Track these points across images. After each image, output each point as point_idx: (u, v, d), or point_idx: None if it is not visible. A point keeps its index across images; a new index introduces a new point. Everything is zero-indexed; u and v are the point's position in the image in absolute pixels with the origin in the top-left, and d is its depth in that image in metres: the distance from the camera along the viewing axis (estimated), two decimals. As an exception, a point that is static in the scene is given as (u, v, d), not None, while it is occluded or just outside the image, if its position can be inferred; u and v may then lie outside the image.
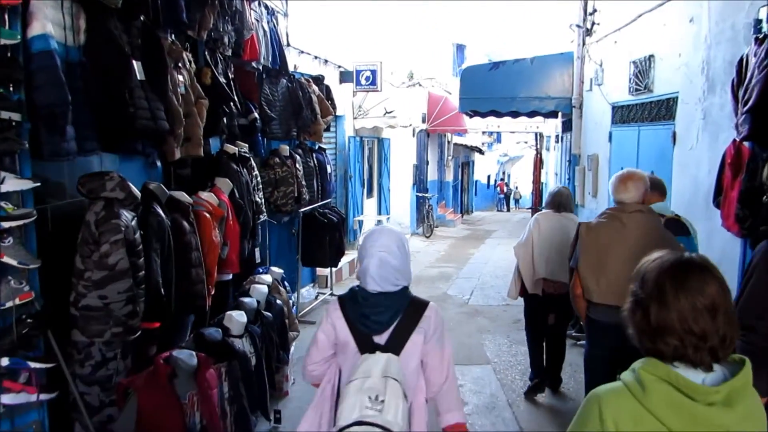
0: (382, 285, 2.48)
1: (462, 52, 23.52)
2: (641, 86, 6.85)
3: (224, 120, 5.31)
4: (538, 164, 17.64)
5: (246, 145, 5.81)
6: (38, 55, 2.82)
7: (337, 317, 2.55)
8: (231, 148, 5.42)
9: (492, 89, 10.28)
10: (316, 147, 8.42)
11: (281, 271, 5.83)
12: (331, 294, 9.01)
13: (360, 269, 2.56)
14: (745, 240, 4.26)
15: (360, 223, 12.33)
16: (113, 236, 3.04)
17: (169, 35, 4.41)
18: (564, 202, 5.54)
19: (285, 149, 7.15)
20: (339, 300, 2.61)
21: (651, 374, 1.49)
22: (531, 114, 10.97)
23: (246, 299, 4.65)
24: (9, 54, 2.68)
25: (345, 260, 9.86)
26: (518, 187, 37.48)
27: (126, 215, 3.18)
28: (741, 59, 4.10)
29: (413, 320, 2.51)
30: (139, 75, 3.53)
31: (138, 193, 3.39)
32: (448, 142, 21.83)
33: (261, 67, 6.59)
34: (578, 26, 9.35)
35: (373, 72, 11.13)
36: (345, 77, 11.05)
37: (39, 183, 2.78)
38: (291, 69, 7.58)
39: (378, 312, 2.49)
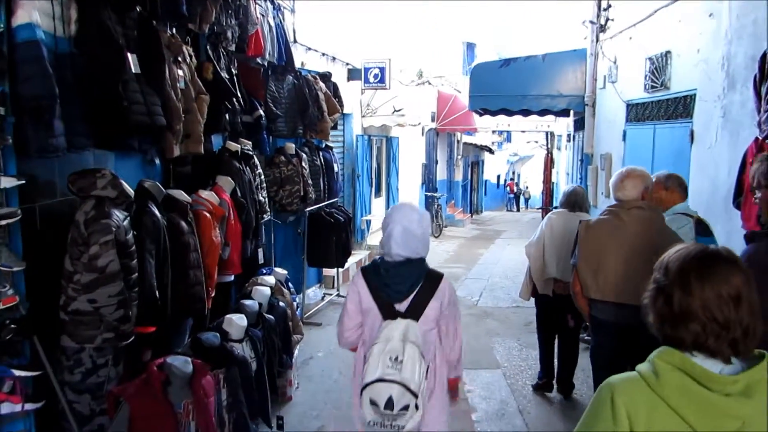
0: (405, 250, 2.79)
1: (472, 51, 23.35)
2: (657, 83, 6.66)
3: (226, 116, 5.16)
4: (549, 164, 17.42)
5: (249, 142, 5.66)
6: (23, 45, 2.68)
7: (362, 286, 2.87)
8: (233, 146, 5.27)
9: (503, 87, 10.07)
10: (323, 145, 8.28)
11: (285, 272, 5.68)
12: (338, 295, 8.84)
13: (384, 236, 2.87)
14: (768, 242, 4.07)
15: (368, 223, 12.16)
16: (103, 237, 2.88)
17: (169, 28, 4.26)
18: (579, 202, 5.42)
19: (291, 147, 7.02)
20: (362, 271, 2.91)
21: (666, 362, 1.48)
22: (542, 112, 10.73)
23: (247, 302, 4.49)
24: (-8, 44, 2.55)
25: (352, 260, 9.70)
26: (528, 187, 37.28)
27: (118, 215, 3.03)
28: (764, 55, 3.95)
29: (430, 290, 2.82)
30: (134, 68, 3.38)
31: (131, 192, 3.23)
32: (458, 141, 21.64)
33: (266, 64, 6.45)
34: (592, 22, 9.15)
35: (382, 69, 10.96)
36: (353, 75, 10.88)
37: (24, 180, 2.63)
38: (298, 66, 7.43)
39: (398, 282, 2.80)
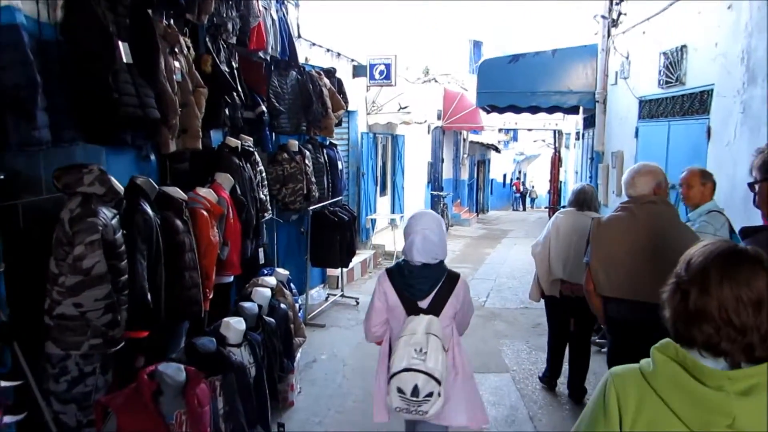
0: (425, 257, 3.09)
1: (479, 49, 23.18)
2: (672, 79, 6.46)
3: (226, 111, 4.97)
4: (557, 162, 17.20)
5: (250, 138, 5.48)
6: (1, 30, 2.48)
7: (388, 286, 3.16)
8: (233, 141, 5.08)
9: (511, 83, 9.87)
10: (327, 142, 8.09)
11: (287, 273, 5.49)
12: (342, 295, 8.65)
13: (406, 244, 3.16)
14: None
15: (373, 222, 11.98)
16: (89, 236, 2.69)
17: (165, 17, 4.07)
18: (587, 201, 5.26)
19: (294, 144, 6.85)
20: (387, 272, 3.20)
21: (662, 353, 1.45)
22: (551, 109, 10.53)
23: (246, 304, 4.30)
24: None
25: (356, 260, 9.51)
26: (534, 186, 37.10)
27: (105, 213, 2.84)
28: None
29: (449, 289, 3.13)
30: (126, 58, 3.18)
31: (120, 188, 3.03)
32: (464, 140, 21.50)
33: (269, 58, 6.27)
34: (603, 17, 8.95)
35: (388, 66, 10.79)
36: (358, 71, 10.72)
37: (2, 176, 2.45)
38: (301, 61, 7.25)
39: (420, 282, 3.11)
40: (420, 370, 2.86)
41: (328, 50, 9.12)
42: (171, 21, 4.20)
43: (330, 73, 7.96)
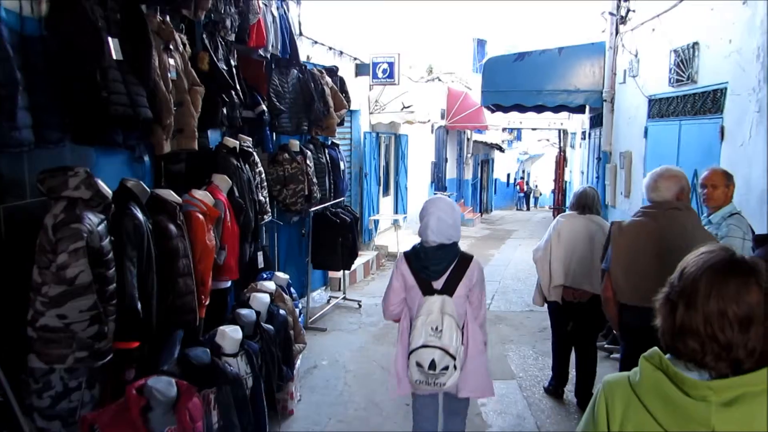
0: (439, 237, 3.27)
1: (483, 48, 23.08)
2: (683, 77, 6.29)
3: (224, 111, 4.82)
4: (562, 162, 17.01)
5: (249, 139, 5.33)
6: (-22, 24, 2.33)
7: (405, 268, 3.34)
8: (231, 142, 4.93)
9: (517, 82, 9.69)
10: (329, 142, 7.95)
11: (287, 277, 5.33)
12: (344, 298, 8.48)
13: (421, 226, 3.34)
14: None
15: (375, 223, 11.82)
16: (73, 244, 2.53)
17: (159, 13, 3.91)
18: (589, 204, 5.11)
19: (295, 144, 6.71)
20: (405, 255, 3.39)
21: (648, 362, 1.44)
22: (558, 108, 10.35)
23: (244, 311, 4.14)
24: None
25: (359, 262, 9.36)
26: (538, 186, 36.98)
27: (91, 218, 2.68)
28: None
29: (462, 270, 3.30)
30: (115, 54, 3.03)
31: (109, 192, 2.87)
32: (468, 139, 21.38)
33: (269, 56, 6.12)
34: (611, 14, 8.77)
35: (391, 65, 10.65)
36: (361, 70, 10.57)
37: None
38: (303, 59, 7.11)
39: (435, 263, 3.28)
40: (436, 346, 3.12)
41: (330, 48, 8.97)
42: (166, 17, 4.05)
43: (332, 72, 7.85)
